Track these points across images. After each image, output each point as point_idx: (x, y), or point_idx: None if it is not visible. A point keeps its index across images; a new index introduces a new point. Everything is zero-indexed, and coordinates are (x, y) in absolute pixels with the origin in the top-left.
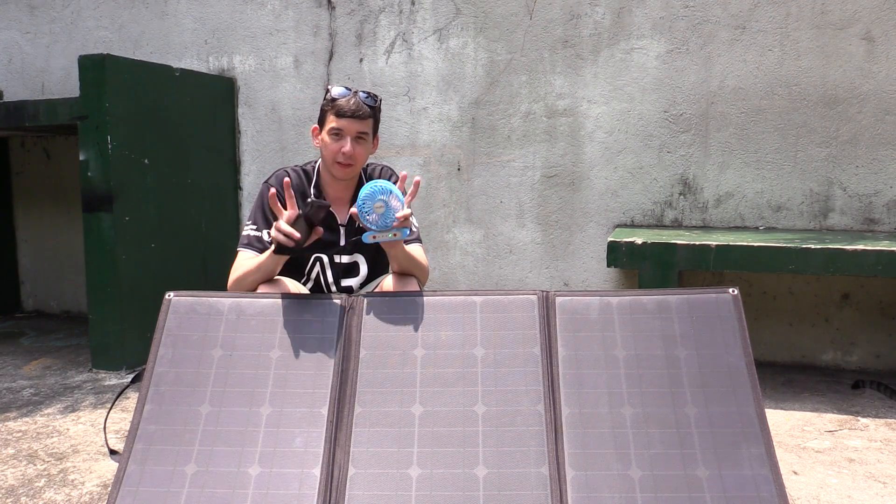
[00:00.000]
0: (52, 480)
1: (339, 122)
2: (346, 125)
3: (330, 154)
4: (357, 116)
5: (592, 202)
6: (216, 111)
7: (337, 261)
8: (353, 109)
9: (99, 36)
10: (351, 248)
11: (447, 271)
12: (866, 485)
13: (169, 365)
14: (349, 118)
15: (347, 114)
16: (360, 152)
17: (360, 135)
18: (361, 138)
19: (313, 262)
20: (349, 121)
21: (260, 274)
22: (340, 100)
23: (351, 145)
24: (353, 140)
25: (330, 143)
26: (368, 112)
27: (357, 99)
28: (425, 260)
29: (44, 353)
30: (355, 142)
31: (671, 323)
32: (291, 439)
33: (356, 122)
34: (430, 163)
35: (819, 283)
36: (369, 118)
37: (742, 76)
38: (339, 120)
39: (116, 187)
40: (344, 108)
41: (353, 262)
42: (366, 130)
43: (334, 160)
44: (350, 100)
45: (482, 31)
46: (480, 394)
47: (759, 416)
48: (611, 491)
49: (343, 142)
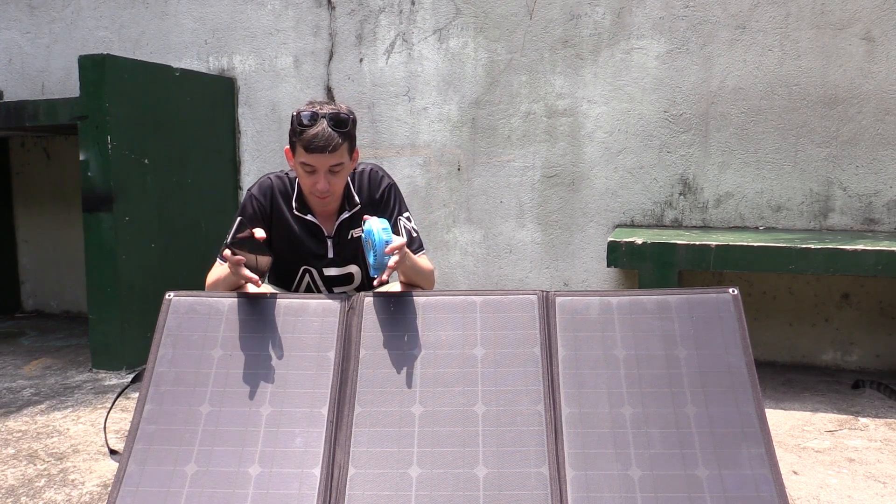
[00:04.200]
0: (53, 480)
1: (309, 158)
2: (316, 161)
3: (305, 186)
4: (328, 151)
5: (592, 202)
6: (216, 111)
7: (326, 273)
8: (322, 145)
9: (99, 36)
10: (341, 261)
11: (447, 271)
12: (866, 485)
13: (169, 365)
14: (319, 153)
15: (317, 150)
16: (336, 182)
17: (334, 168)
18: (335, 171)
19: (302, 274)
20: (319, 156)
21: (225, 286)
22: (308, 131)
23: (325, 180)
24: (327, 174)
25: (303, 175)
26: (340, 141)
27: (325, 129)
28: (430, 266)
29: (44, 353)
30: (329, 175)
31: (671, 323)
32: (291, 439)
33: (327, 157)
34: (430, 163)
35: (819, 283)
36: (342, 145)
37: (742, 76)
38: (309, 155)
39: (116, 187)
40: (312, 143)
41: (345, 274)
42: (340, 161)
43: (310, 193)
44: (318, 131)
45: (482, 31)
46: (480, 394)
47: (759, 416)
48: (611, 491)
49: (316, 177)
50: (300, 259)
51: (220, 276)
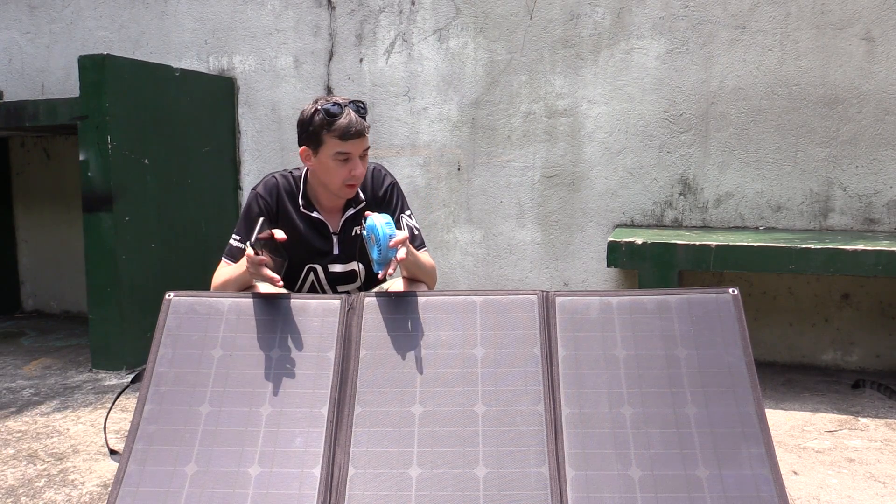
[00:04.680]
0: (52, 480)
1: (346, 146)
2: (353, 147)
3: (338, 178)
4: (363, 135)
5: (592, 202)
6: (216, 111)
7: (332, 270)
8: (358, 129)
9: (99, 36)
10: (346, 258)
11: (447, 271)
12: (866, 485)
13: (169, 365)
14: (355, 139)
15: (354, 135)
16: (364, 168)
17: (364, 152)
18: (363, 156)
19: (307, 273)
20: (355, 142)
21: (236, 286)
22: (339, 120)
23: (361, 164)
24: (360, 159)
25: (335, 167)
26: (367, 125)
27: (353, 116)
28: (432, 262)
29: (44, 353)
30: (362, 160)
31: (671, 323)
32: (291, 439)
33: (362, 140)
34: (430, 163)
35: (819, 283)
36: (368, 129)
37: (742, 76)
38: (344, 143)
39: (116, 187)
40: (348, 130)
41: (349, 271)
42: (368, 146)
43: (343, 184)
44: (350, 119)
45: (482, 31)
46: (480, 394)
47: (759, 416)
48: (611, 491)
49: (352, 164)
50: (305, 257)
51: (231, 277)
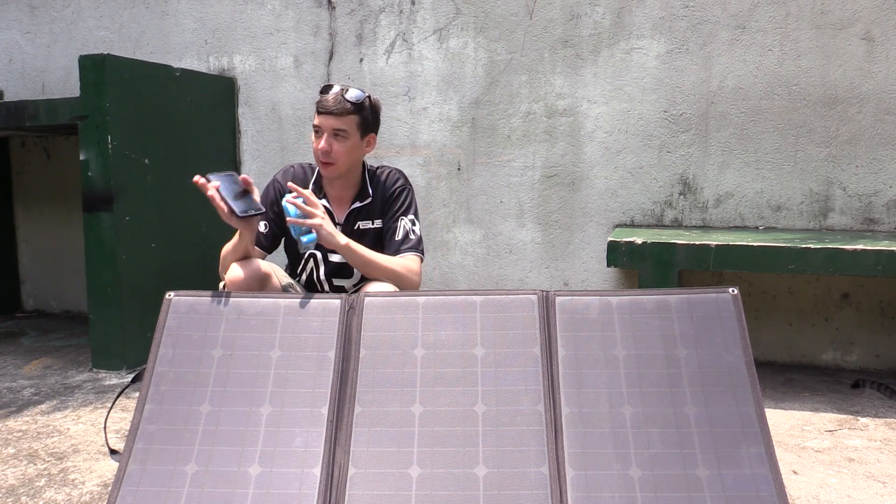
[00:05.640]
0: (53, 480)
1: (318, 119)
2: (322, 122)
3: (314, 153)
4: (333, 113)
5: (592, 202)
6: (216, 111)
7: (330, 259)
8: (329, 107)
9: (99, 36)
10: None
11: (447, 271)
12: (866, 484)
13: (169, 365)
14: (325, 115)
15: (324, 111)
16: (338, 150)
17: (337, 131)
18: (339, 135)
19: (307, 258)
20: (325, 117)
21: (234, 254)
22: (323, 96)
23: (326, 142)
24: (330, 136)
25: (313, 140)
26: (349, 108)
27: (336, 95)
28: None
29: (44, 353)
30: (332, 138)
31: (671, 323)
32: (291, 439)
33: (333, 118)
34: (430, 163)
35: (819, 282)
36: (350, 115)
37: (742, 76)
38: (318, 116)
39: (117, 187)
40: (322, 105)
41: (345, 264)
42: (343, 127)
43: (318, 159)
44: (329, 96)
45: (482, 31)
46: (480, 393)
47: (759, 415)
48: (611, 490)
49: (321, 139)
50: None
51: (229, 248)
